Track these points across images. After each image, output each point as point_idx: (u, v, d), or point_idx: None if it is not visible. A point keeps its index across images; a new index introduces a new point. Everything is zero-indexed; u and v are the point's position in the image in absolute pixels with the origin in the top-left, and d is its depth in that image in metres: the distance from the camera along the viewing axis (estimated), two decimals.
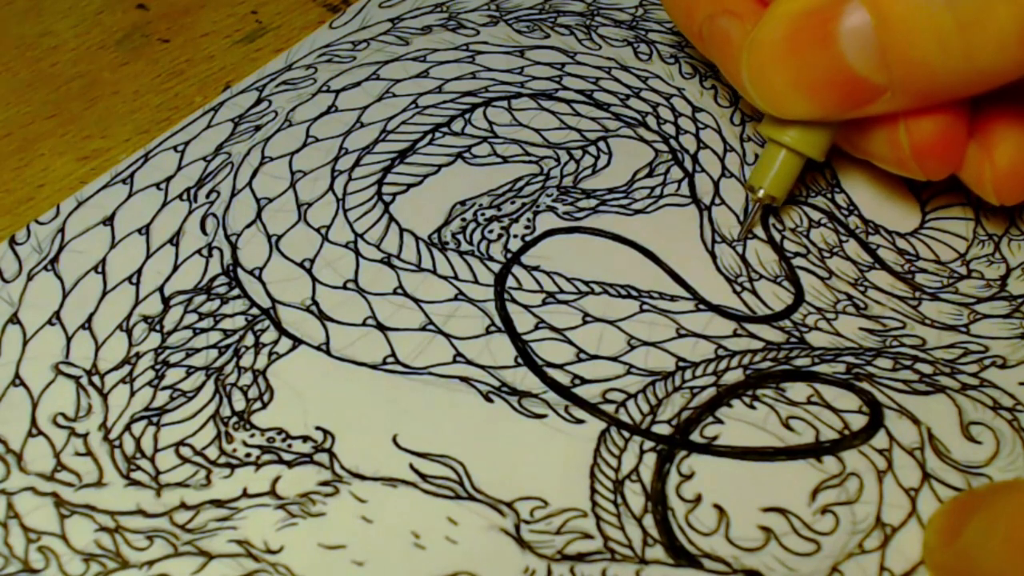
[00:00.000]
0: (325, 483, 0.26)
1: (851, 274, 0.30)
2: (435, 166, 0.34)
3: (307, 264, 0.31)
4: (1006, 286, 0.30)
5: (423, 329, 0.29)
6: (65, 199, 0.33)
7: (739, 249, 0.31)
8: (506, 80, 0.36)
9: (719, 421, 0.27)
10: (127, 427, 0.27)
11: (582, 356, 0.29)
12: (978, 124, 0.28)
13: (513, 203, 0.32)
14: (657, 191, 0.33)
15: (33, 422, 0.27)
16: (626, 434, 0.27)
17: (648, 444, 0.27)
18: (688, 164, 0.34)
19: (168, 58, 0.39)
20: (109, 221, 0.32)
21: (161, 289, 0.30)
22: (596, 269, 0.31)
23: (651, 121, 0.35)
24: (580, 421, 0.27)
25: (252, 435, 0.27)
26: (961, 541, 0.23)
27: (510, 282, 0.30)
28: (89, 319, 0.29)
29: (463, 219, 0.32)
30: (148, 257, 0.31)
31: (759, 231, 0.32)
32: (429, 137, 0.34)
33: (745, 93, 0.29)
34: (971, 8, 0.24)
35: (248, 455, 0.27)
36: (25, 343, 0.29)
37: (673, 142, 0.34)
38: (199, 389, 0.28)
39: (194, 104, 0.37)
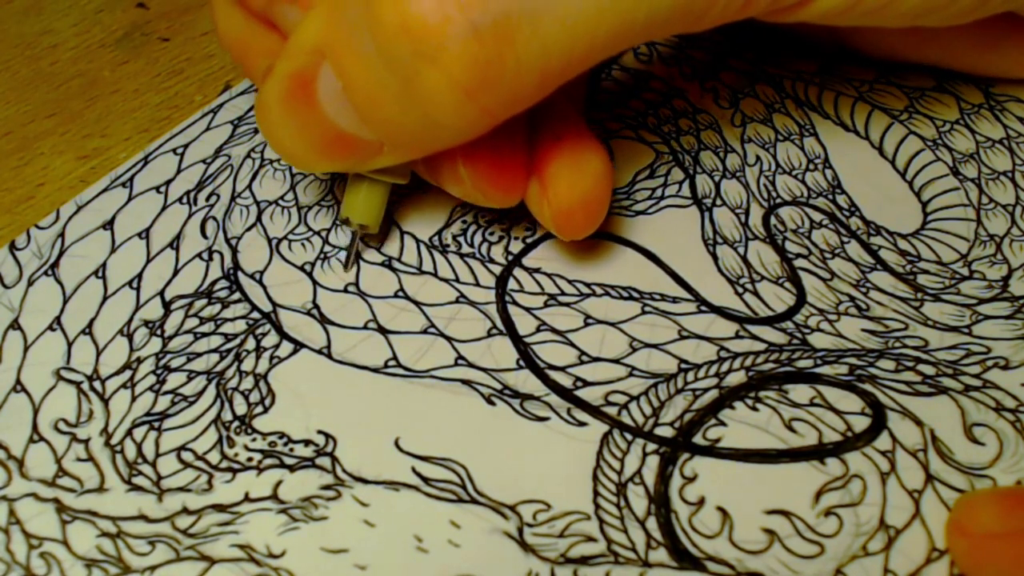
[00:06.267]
0: (327, 487, 0.26)
1: (853, 275, 0.30)
2: None
3: (308, 267, 0.31)
4: (1008, 287, 0.30)
5: (424, 332, 0.29)
6: (65, 198, 0.33)
7: (740, 250, 0.31)
8: None
9: (722, 423, 0.27)
10: (128, 432, 0.27)
11: (584, 358, 0.29)
12: (536, 163, 0.28)
13: None
14: (658, 192, 0.33)
15: (34, 428, 0.27)
16: (629, 437, 0.27)
17: (651, 446, 0.27)
18: (689, 165, 0.34)
19: (168, 57, 0.38)
20: (109, 225, 0.32)
21: (162, 293, 0.30)
22: (597, 271, 0.31)
23: (651, 122, 0.35)
24: (582, 424, 0.27)
25: (254, 439, 0.27)
26: None
27: (511, 284, 0.30)
28: (90, 324, 0.29)
29: (464, 221, 0.32)
30: (148, 261, 0.31)
31: (760, 231, 0.32)
32: None
33: None
34: (405, 70, 0.24)
35: (250, 459, 0.27)
36: (26, 349, 0.29)
37: (673, 143, 0.34)
38: (200, 393, 0.28)
39: (194, 103, 0.36)
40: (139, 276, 0.31)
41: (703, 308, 0.30)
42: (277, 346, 0.29)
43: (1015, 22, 0.32)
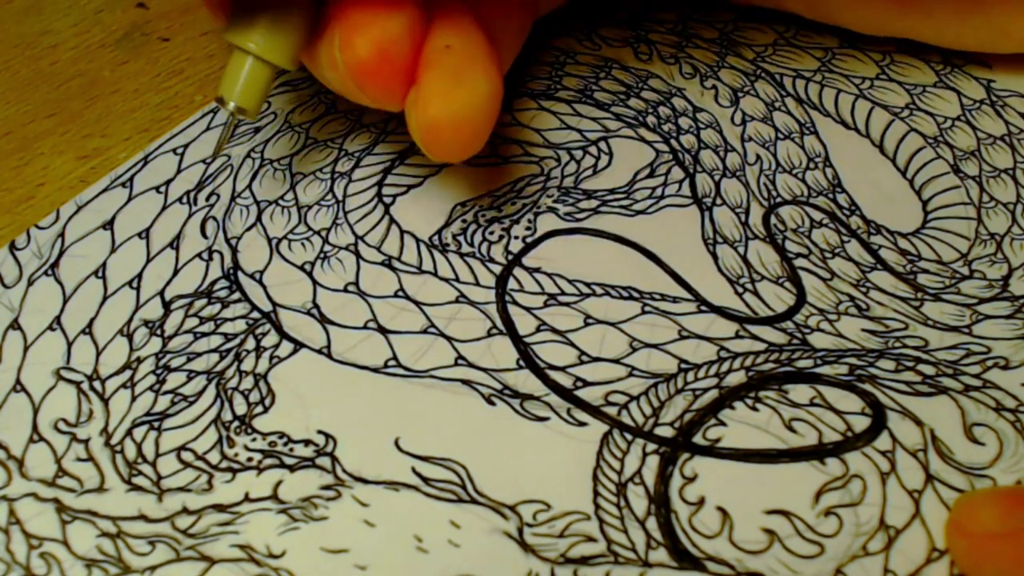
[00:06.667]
0: (327, 487, 0.26)
1: (853, 275, 0.30)
2: (435, 167, 0.34)
3: (307, 267, 0.31)
4: (1008, 286, 0.30)
5: (424, 332, 0.29)
6: (65, 198, 0.33)
7: (740, 250, 0.31)
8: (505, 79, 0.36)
9: (722, 423, 0.27)
10: (128, 432, 0.27)
11: (584, 358, 0.29)
12: (419, 68, 0.27)
13: (514, 204, 0.32)
14: (658, 191, 0.33)
15: (34, 428, 0.27)
16: (629, 437, 0.27)
17: (651, 446, 0.27)
18: (689, 164, 0.34)
19: (168, 57, 0.38)
20: (109, 225, 0.32)
21: (162, 293, 0.30)
22: (597, 270, 0.31)
23: (651, 121, 0.35)
24: (582, 424, 0.27)
25: (254, 439, 0.27)
26: None
27: (511, 284, 0.30)
28: (90, 324, 0.29)
29: (464, 220, 0.32)
30: (148, 261, 0.31)
31: (760, 231, 0.32)
32: None
33: None
34: None
35: (250, 459, 0.27)
36: (26, 349, 0.29)
37: (673, 142, 0.34)
38: (200, 393, 0.28)
39: (194, 103, 0.36)
40: (139, 276, 0.31)
41: (703, 308, 0.30)
42: (277, 346, 0.29)
43: None
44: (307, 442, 0.27)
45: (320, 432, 0.27)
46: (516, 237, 0.32)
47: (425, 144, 0.27)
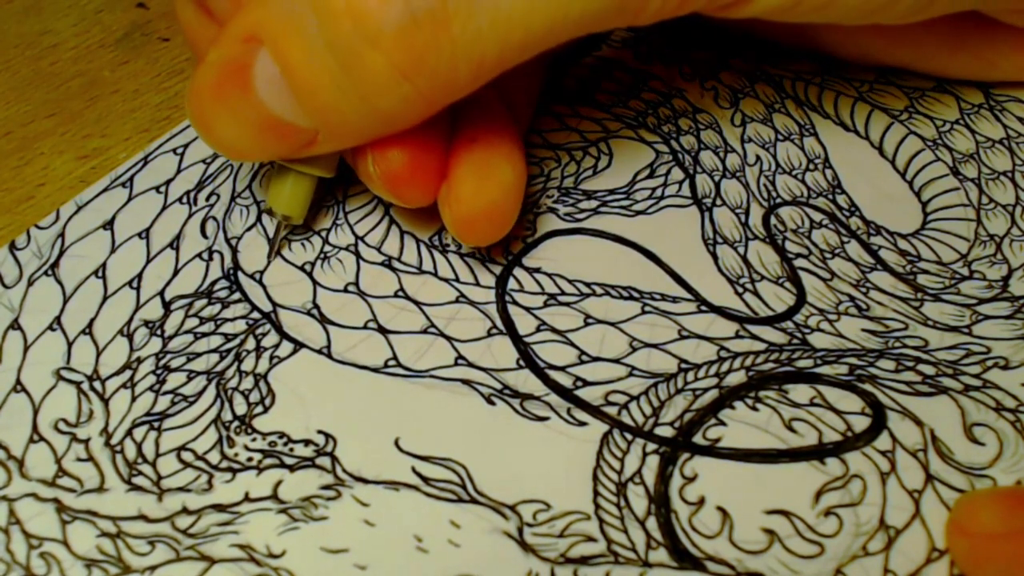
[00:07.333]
0: (327, 487, 0.26)
1: (853, 275, 0.30)
2: None
3: (308, 267, 0.31)
4: (1008, 287, 0.30)
5: (424, 332, 0.29)
6: (65, 198, 0.33)
7: (740, 250, 0.31)
8: None
9: (722, 423, 0.27)
10: (128, 432, 0.27)
11: (584, 358, 0.29)
12: (448, 164, 0.28)
13: None
14: (658, 192, 0.33)
15: (34, 428, 0.27)
16: (629, 436, 0.27)
17: (651, 446, 0.27)
18: (689, 165, 0.34)
19: (168, 57, 0.38)
20: (109, 225, 0.32)
21: (162, 293, 0.30)
22: (597, 271, 0.31)
23: (651, 122, 0.35)
24: (582, 423, 0.27)
25: (254, 439, 0.27)
26: None
27: (511, 284, 0.30)
28: (90, 324, 0.29)
29: None
30: (148, 261, 0.31)
31: (761, 231, 0.32)
32: None
33: None
34: (346, 52, 0.24)
35: (250, 459, 0.27)
36: (26, 349, 0.29)
37: (673, 143, 0.34)
38: (200, 393, 0.28)
39: None
40: (139, 276, 0.31)
41: (703, 308, 0.30)
42: (277, 346, 0.29)
43: (981, 22, 0.32)
44: (307, 442, 0.27)
45: (320, 432, 0.27)
46: (516, 237, 0.32)
47: (459, 234, 0.29)
